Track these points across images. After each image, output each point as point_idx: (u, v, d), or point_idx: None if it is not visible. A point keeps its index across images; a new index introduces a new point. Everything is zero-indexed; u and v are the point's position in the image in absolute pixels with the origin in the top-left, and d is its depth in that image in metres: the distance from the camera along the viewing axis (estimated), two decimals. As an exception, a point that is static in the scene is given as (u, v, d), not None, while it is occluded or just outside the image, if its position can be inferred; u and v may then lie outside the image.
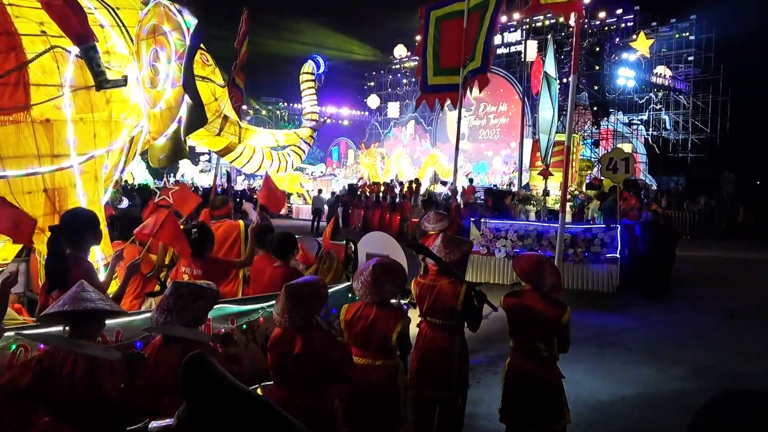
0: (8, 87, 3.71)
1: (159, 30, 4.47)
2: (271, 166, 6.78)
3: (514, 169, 25.53)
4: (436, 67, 8.86)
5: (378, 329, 3.52)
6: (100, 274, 4.04)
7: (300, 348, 2.94)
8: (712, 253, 15.78)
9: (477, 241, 9.82)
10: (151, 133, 4.71)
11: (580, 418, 4.71)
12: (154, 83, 4.52)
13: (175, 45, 4.43)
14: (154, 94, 4.56)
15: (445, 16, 8.80)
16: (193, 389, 1.28)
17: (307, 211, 23.70)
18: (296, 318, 3.00)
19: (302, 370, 2.94)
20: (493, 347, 6.47)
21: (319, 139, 8.72)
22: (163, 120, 4.62)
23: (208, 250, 4.42)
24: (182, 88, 4.49)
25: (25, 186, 3.86)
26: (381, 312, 3.56)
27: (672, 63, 28.37)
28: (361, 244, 5.34)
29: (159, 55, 4.47)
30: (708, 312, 9.10)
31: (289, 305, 3.02)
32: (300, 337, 2.99)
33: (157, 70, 4.49)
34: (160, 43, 4.48)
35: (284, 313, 3.02)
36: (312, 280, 3.34)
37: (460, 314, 3.91)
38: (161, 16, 4.46)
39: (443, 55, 8.76)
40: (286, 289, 3.08)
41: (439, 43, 8.83)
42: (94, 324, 2.71)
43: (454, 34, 8.43)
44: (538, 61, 22.97)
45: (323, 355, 2.99)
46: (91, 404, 2.51)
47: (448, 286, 3.94)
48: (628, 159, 10.07)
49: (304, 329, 3.02)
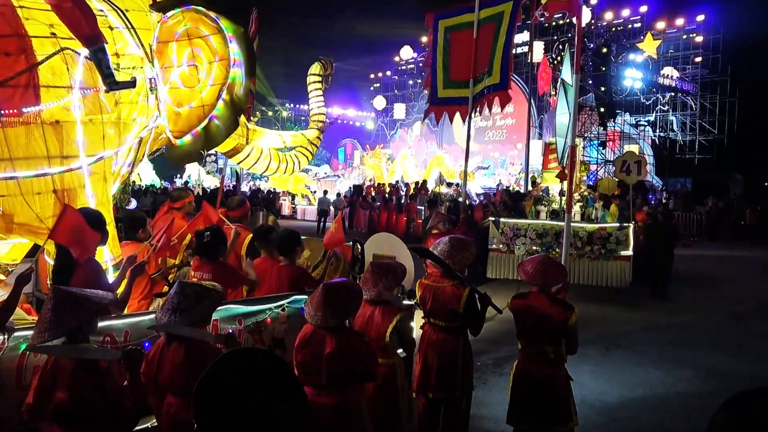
0: (19, 88, 3.74)
1: (195, 33, 4.73)
2: (279, 168, 6.81)
3: (520, 170, 25.47)
4: (446, 79, 8.77)
5: (373, 327, 3.56)
6: (108, 274, 4.07)
7: (332, 347, 2.97)
8: (719, 254, 15.72)
9: (497, 240, 10.29)
10: (173, 132, 4.79)
11: (586, 420, 4.70)
12: (189, 83, 4.74)
13: (215, 47, 4.72)
14: (187, 93, 4.75)
15: (455, 27, 8.69)
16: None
17: (312, 212, 23.75)
18: (329, 317, 3.02)
19: (333, 370, 2.96)
20: (499, 349, 6.47)
21: (324, 140, 8.75)
22: (189, 119, 4.76)
23: (221, 255, 4.42)
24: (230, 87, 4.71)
25: (35, 187, 3.89)
26: (376, 310, 3.61)
27: (679, 64, 28.24)
28: (368, 245, 5.35)
29: (201, 55, 4.74)
30: (715, 313, 9.07)
31: (325, 304, 3.04)
32: (331, 336, 3.01)
33: (196, 70, 4.74)
34: (197, 45, 4.73)
35: (317, 311, 3.04)
36: (348, 282, 3.40)
37: (462, 317, 3.91)
38: (196, 20, 4.72)
39: (453, 68, 8.68)
40: (323, 287, 3.12)
41: (449, 56, 8.74)
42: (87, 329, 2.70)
43: (465, 46, 8.33)
44: (544, 62, 22.94)
45: (354, 355, 3.01)
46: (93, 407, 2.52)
47: (450, 289, 3.94)
48: (641, 161, 10.59)
49: (336, 329, 3.05)
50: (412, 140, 36.29)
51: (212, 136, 4.85)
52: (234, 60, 4.73)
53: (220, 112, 4.77)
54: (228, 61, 4.72)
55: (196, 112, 4.77)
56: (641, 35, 27.27)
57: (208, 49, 4.76)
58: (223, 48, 4.72)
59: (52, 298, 2.63)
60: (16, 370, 3.14)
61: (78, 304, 2.64)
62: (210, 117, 4.76)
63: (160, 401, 2.81)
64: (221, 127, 4.84)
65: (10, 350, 3.14)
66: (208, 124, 4.77)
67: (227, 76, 4.73)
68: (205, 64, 4.76)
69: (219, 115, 4.77)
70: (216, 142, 5.01)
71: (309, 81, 7.60)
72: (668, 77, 27.56)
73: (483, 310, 3.94)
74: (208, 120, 4.76)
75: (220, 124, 4.81)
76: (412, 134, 36.70)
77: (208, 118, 4.76)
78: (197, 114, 4.76)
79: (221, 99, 4.73)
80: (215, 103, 4.75)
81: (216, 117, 4.77)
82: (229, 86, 4.73)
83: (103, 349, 2.81)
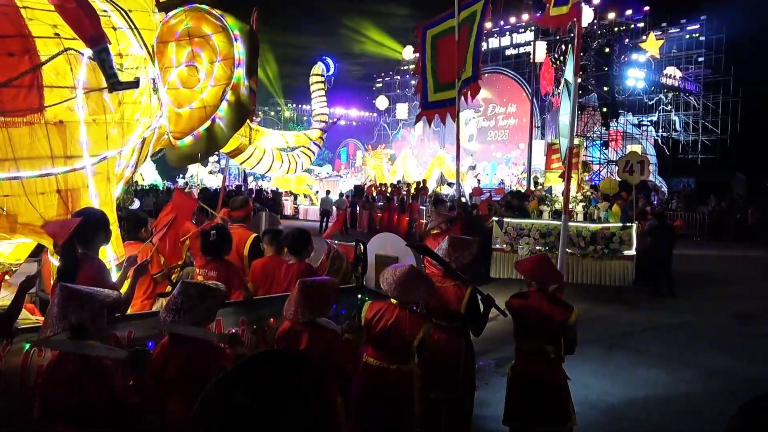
0: (22, 89, 3.75)
1: (197, 33, 4.63)
2: (281, 168, 6.81)
3: (522, 170, 25.47)
4: (436, 84, 9.11)
5: (398, 333, 3.48)
6: (111, 273, 4.07)
7: (306, 343, 3.06)
8: (722, 254, 15.70)
9: (500, 240, 10.36)
10: (174, 133, 4.74)
11: (589, 419, 4.70)
12: (188, 83, 4.65)
13: (218, 46, 4.61)
14: (187, 93, 4.66)
15: (439, 34, 9.06)
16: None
17: (314, 212, 23.77)
18: (300, 313, 3.12)
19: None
20: (501, 349, 6.46)
21: (327, 140, 8.86)
22: (190, 120, 4.68)
23: (226, 253, 4.45)
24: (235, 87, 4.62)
25: (39, 187, 3.89)
26: (403, 315, 3.51)
27: (682, 64, 28.17)
28: (371, 245, 5.35)
29: (201, 55, 4.64)
30: (718, 313, 9.06)
31: (297, 300, 3.14)
32: (306, 332, 3.11)
33: (195, 70, 4.64)
34: (198, 45, 4.64)
35: (290, 306, 3.16)
36: (324, 281, 3.43)
37: (464, 317, 3.90)
38: (198, 19, 4.61)
39: (440, 72, 9.02)
40: (299, 284, 3.20)
41: (436, 61, 9.10)
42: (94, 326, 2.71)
43: (449, 50, 8.67)
44: (547, 62, 22.94)
45: (327, 351, 3.07)
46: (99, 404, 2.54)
47: (452, 289, 3.93)
48: (644, 162, 10.67)
49: (310, 325, 3.14)
50: (414, 140, 36.30)
51: (215, 137, 4.77)
52: (239, 60, 4.63)
53: (225, 113, 4.68)
54: (232, 60, 4.63)
55: (197, 113, 4.69)
56: (644, 35, 27.23)
57: (209, 49, 4.66)
58: (227, 47, 4.63)
59: (58, 295, 2.67)
60: (20, 369, 3.16)
61: (84, 301, 2.66)
62: (213, 118, 4.68)
63: (164, 400, 2.82)
64: (225, 129, 4.75)
65: (15, 350, 3.15)
66: (211, 125, 4.70)
67: (231, 76, 4.64)
68: (205, 63, 4.66)
69: (223, 116, 4.69)
70: (219, 144, 4.93)
71: (312, 81, 7.62)
72: (671, 77, 27.50)
73: (486, 311, 3.93)
74: (211, 121, 4.69)
75: (224, 126, 4.73)
76: (414, 134, 36.69)
77: (210, 119, 4.68)
78: (199, 115, 4.69)
79: (225, 100, 4.65)
80: (218, 104, 4.66)
81: (220, 118, 4.70)
82: (234, 86, 4.64)
83: (108, 348, 2.83)
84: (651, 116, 28.32)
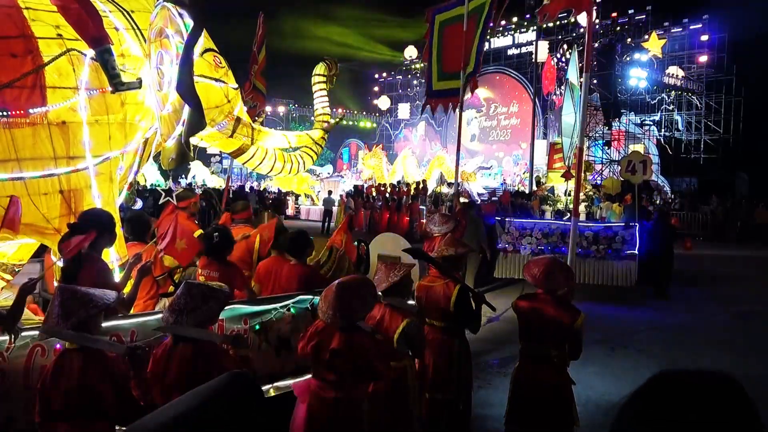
0: (25, 89, 3.76)
1: (163, 33, 4.41)
2: (284, 168, 6.80)
3: (525, 170, 25.44)
4: (440, 72, 9.05)
5: (382, 329, 3.50)
6: (114, 274, 4.08)
7: (338, 344, 2.99)
8: (725, 254, 15.66)
9: (503, 240, 10.41)
10: (162, 136, 4.69)
11: (591, 420, 4.69)
12: (160, 86, 4.46)
13: (176, 48, 4.33)
14: (162, 96, 4.51)
15: (447, 20, 8.97)
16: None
17: (315, 212, 23.77)
18: (340, 317, 3.00)
19: (337, 365, 2.98)
20: (504, 349, 6.45)
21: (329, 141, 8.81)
22: (170, 122, 4.54)
23: (228, 254, 4.48)
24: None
25: (42, 187, 3.90)
26: (387, 311, 3.53)
27: (684, 63, 28.12)
28: (373, 244, 5.35)
29: (164, 58, 4.42)
30: (721, 314, 9.03)
31: (334, 304, 3.01)
32: (340, 333, 3.02)
33: (162, 73, 4.44)
34: (164, 46, 4.42)
35: (327, 309, 3.03)
36: (360, 281, 3.29)
37: (455, 316, 3.88)
38: (165, 19, 4.39)
39: (446, 60, 8.94)
40: (336, 286, 3.08)
41: (442, 48, 9.02)
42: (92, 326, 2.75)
43: (455, 38, 8.58)
44: (549, 62, 22.91)
45: (360, 353, 3.01)
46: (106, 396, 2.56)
47: (441, 288, 3.93)
48: (646, 161, 10.67)
49: (346, 329, 3.05)
50: (416, 140, 36.29)
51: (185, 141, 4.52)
52: (177, 54, 4.25)
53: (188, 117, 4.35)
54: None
55: (172, 116, 4.46)
56: (646, 34, 27.19)
57: (172, 50, 4.36)
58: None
59: (59, 296, 2.71)
60: (23, 370, 3.16)
61: (83, 301, 2.71)
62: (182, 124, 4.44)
63: (166, 401, 2.82)
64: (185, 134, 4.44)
65: (18, 350, 3.16)
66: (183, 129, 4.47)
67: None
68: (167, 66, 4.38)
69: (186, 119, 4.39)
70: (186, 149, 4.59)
71: (314, 81, 7.60)
72: (673, 76, 27.44)
73: (478, 308, 3.92)
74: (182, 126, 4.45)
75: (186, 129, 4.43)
76: (416, 134, 36.68)
77: (180, 124, 4.44)
78: (174, 118, 4.46)
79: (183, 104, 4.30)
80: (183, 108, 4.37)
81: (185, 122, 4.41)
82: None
83: (109, 342, 2.86)
84: (653, 116, 28.24)
